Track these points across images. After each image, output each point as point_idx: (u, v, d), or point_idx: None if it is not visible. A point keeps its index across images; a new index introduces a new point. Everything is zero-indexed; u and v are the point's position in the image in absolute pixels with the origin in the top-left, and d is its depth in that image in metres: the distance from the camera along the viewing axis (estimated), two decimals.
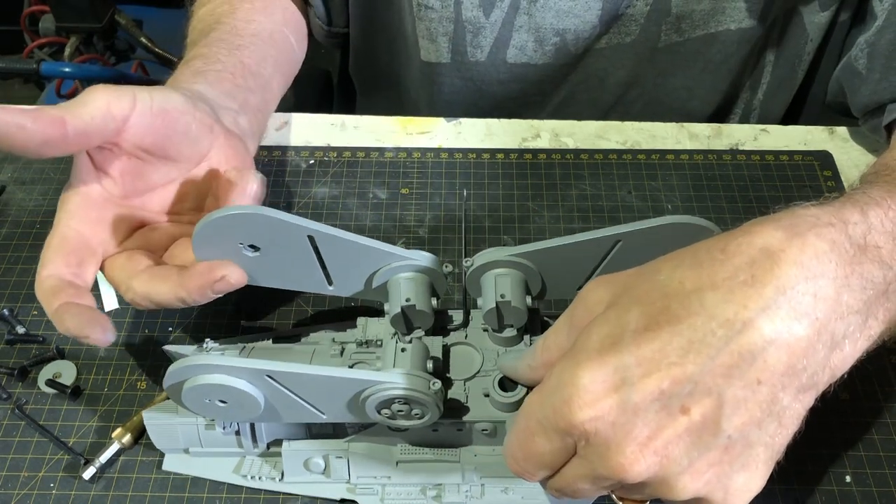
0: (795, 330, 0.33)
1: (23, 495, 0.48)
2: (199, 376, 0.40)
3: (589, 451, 0.34)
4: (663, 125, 0.69)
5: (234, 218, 0.42)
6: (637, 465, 0.33)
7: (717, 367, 0.32)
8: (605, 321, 0.35)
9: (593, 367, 0.33)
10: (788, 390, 0.33)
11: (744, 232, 0.35)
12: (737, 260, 0.34)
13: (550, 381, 0.35)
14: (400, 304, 0.44)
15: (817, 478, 0.48)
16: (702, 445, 0.33)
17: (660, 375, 0.32)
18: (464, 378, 0.45)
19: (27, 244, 0.60)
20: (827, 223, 0.35)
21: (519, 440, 0.36)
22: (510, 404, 0.42)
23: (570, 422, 0.33)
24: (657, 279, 0.35)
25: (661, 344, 0.33)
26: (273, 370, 0.40)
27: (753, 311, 0.32)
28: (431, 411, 0.42)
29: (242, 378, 0.41)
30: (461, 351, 0.46)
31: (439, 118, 0.70)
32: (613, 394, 0.33)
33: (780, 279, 0.33)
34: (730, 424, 0.33)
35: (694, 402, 0.32)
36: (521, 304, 0.44)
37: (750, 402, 0.33)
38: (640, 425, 0.33)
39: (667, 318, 0.33)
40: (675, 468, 0.33)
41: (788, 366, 0.33)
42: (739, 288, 0.33)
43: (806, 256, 0.33)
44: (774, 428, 0.34)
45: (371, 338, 0.46)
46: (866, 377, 0.52)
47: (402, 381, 0.40)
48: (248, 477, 0.47)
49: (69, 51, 1.21)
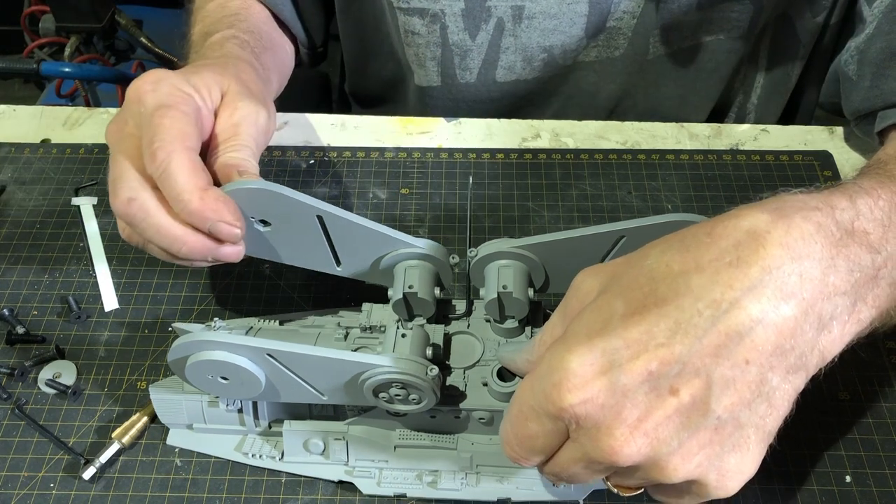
0: (782, 309, 0.33)
1: (23, 495, 0.48)
2: (202, 352, 0.41)
3: (580, 435, 0.34)
4: (663, 125, 0.69)
5: (244, 192, 0.43)
6: (627, 447, 0.33)
7: (705, 348, 0.32)
8: (595, 307, 0.35)
9: (582, 352, 0.33)
10: (777, 370, 0.33)
11: (730, 216, 0.35)
12: (723, 242, 0.34)
13: (541, 367, 0.35)
14: (402, 291, 0.44)
15: (817, 478, 0.48)
16: (692, 426, 0.33)
17: (647, 357, 0.32)
18: (463, 367, 0.45)
19: (27, 244, 0.60)
20: (814, 207, 0.35)
21: (513, 425, 0.36)
22: (508, 394, 0.43)
23: (560, 405, 0.33)
24: (644, 264, 0.35)
25: (649, 326, 0.33)
26: (273, 349, 0.41)
27: (739, 292, 0.32)
28: (428, 397, 0.42)
29: (244, 356, 0.41)
30: (462, 340, 0.46)
31: (439, 118, 0.70)
32: (602, 377, 0.33)
33: (765, 260, 0.33)
34: (719, 405, 0.33)
35: (682, 383, 0.32)
36: (522, 295, 0.44)
37: (739, 382, 0.33)
38: (629, 407, 0.33)
39: (654, 300, 0.33)
40: (666, 449, 0.33)
41: (776, 345, 0.33)
42: (725, 269, 0.33)
43: (791, 238, 0.34)
44: (765, 409, 0.34)
45: (375, 323, 0.47)
46: (866, 377, 0.52)
47: (400, 365, 0.41)
48: (248, 455, 0.48)
49: (69, 51, 1.21)
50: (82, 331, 0.55)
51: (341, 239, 0.46)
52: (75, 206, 0.62)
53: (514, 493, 0.46)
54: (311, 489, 0.48)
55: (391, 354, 0.42)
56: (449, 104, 0.75)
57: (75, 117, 0.70)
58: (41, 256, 0.59)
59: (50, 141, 0.67)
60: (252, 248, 0.46)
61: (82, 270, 0.58)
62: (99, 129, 0.69)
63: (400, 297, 0.45)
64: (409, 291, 0.44)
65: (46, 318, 0.56)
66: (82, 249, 0.59)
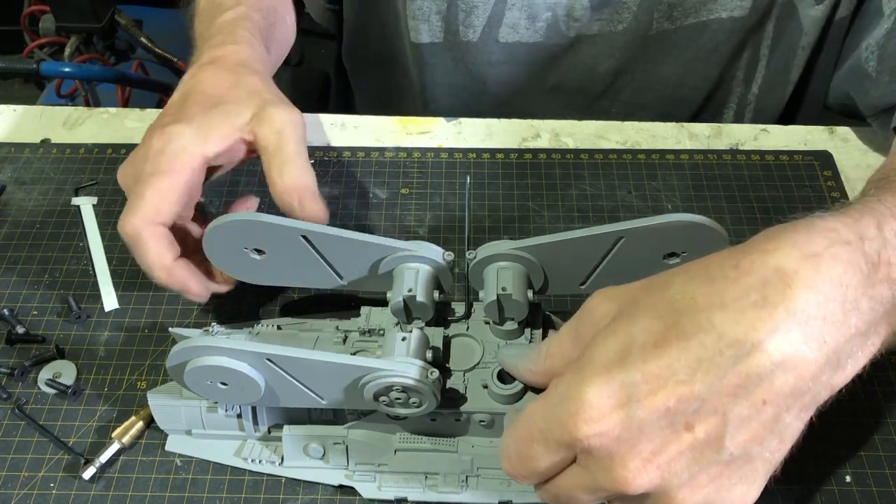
0: (804, 353, 0.33)
1: (23, 495, 0.47)
2: (201, 358, 0.41)
3: (591, 463, 0.34)
4: (663, 125, 0.69)
5: (224, 228, 0.45)
6: (639, 479, 0.33)
7: (725, 387, 0.32)
8: (613, 333, 0.35)
9: (600, 383, 0.33)
10: (792, 410, 0.33)
11: (758, 248, 0.35)
12: (749, 279, 0.33)
13: (556, 392, 0.35)
14: (402, 295, 0.44)
15: (817, 478, 0.48)
16: (704, 461, 0.33)
17: (666, 393, 0.32)
18: (463, 369, 0.45)
19: (27, 244, 0.60)
20: (844, 241, 0.35)
21: (517, 445, 0.36)
22: (508, 396, 0.43)
23: (575, 436, 0.33)
24: (667, 293, 0.35)
25: (670, 361, 0.33)
26: (273, 354, 0.41)
27: (763, 333, 0.32)
28: (429, 400, 0.42)
29: (243, 361, 0.41)
30: (462, 342, 0.46)
31: (439, 118, 0.70)
32: (619, 410, 0.33)
33: (791, 301, 0.33)
34: (733, 442, 0.33)
35: (699, 421, 0.32)
36: (522, 297, 0.44)
37: (754, 422, 0.33)
38: (644, 441, 0.33)
39: (675, 334, 0.33)
40: (677, 482, 0.33)
41: (794, 388, 0.33)
42: (750, 309, 0.33)
43: (820, 280, 0.33)
44: (776, 445, 0.34)
45: (374, 327, 0.47)
46: (866, 377, 0.52)
47: (400, 368, 0.41)
48: (248, 460, 0.48)
49: (69, 51, 1.21)
50: (82, 331, 0.55)
51: (333, 253, 0.46)
52: (75, 206, 0.62)
53: (516, 496, 0.46)
54: (311, 490, 0.48)
55: (391, 358, 0.42)
56: (448, 64, 0.75)
57: (75, 117, 0.70)
58: (41, 256, 0.59)
59: (50, 141, 0.67)
60: (255, 277, 0.48)
61: (82, 270, 0.58)
62: (99, 129, 0.69)
63: (399, 301, 0.44)
64: (409, 295, 0.44)
65: (46, 318, 0.56)
66: (82, 249, 0.59)
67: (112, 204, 0.63)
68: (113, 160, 0.66)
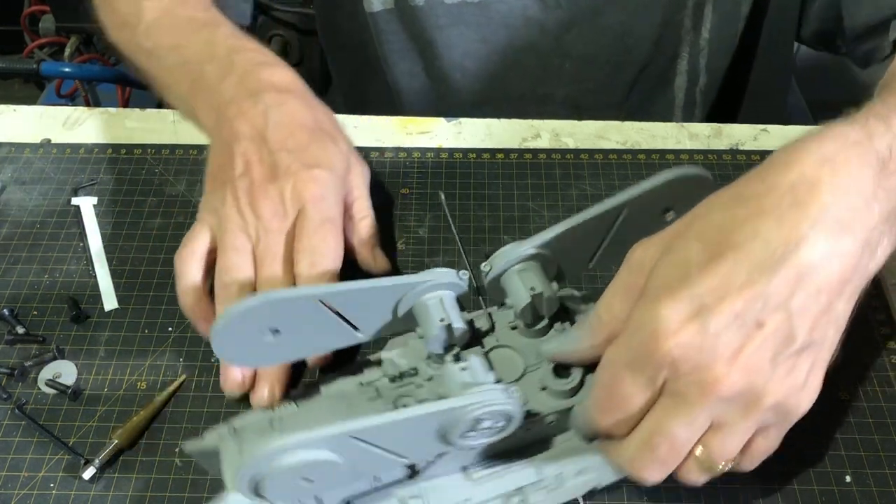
0: (843, 242, 0.36)
1: (23, 495, 0.48)
2: (279, 459, 0.37)
3: (679, 383, 0.36)
4: (663, 125, 0.69)
5: (246, 314, 0.41)
6: (727, 381, 0.36)
7: (782, 283, 0.35)
8: (667, 263, 0.38)
9: (669, 302, 0.36)
10: (843, 297, 0.37)
11: (779, 163, 0.39)
12: (779, 189, 0.37)
13: (630, 326, 0.38)
14: (435, 326, 0.43)
15: (817, 478, 0.48)
16: (779, 355, 0.36)
17: (732, 298, 0.35)
18: (514, 379, 0.44)
19: (27, 244, 0.60)
20: (854, 142, 0.38)
21: (606, 390, 0.39)
22: (569, 391, 0.43)
23: (659, 352, 0.36)
24: (708, 220, 0.38)
25: (728, 270, 0.36)
26: (357, 429, 0.38)
27: (804, 229, 0.36)
28: (516, 418, 0.41)
29: (324, 447, 0.38)
30: (500, 355, 0.46)
31: (439, 118, 0.70)
32: (694, 320, 0.36)
33: (820, 199, 0.36)
34: (800, 332, 0.36)
35: (767, 317, 0.36)
36: (551, 292, 0.44)
37: (814, 310, 0.36)
38: (723, 345, 0.36)
39: (727, 247, 0.36)
40: (761, 378, 0.36)
41: (841, 274, 0.36)
42: (787, 211, 0.36)
43: (839, 178, 0.37)
44: (833, 333, 0.38)
45: (404, 369, 0.45)
46: (866, 377, 0.52)
47: (488, 397, 0.39)
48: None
49: (69, 51, 1.21)
50: (82, 331, 0.55)
51: (351, 309, 0.43)
52: (75, 206, 0.62)
53: (599, 480, 0.45)
54: None
55: (469, 392, 0.40)
56: (401, 31, 0.74)
57: (75, 117, 0.70)
58: (41, 256, 0.59)
59: (50, 141, 0.67)
60: (269, 359, 0.46)
61: (82, 270, 0.58)
62: (99, 129, 0.69)
63: (437, 333, 0.43)
64: (443, 325, 0.43)
65: (46, 318, 0.56)
66: (82, 249, 0.59)
67: (112, 204, 0.63)
68: (113, 160, 0.66)
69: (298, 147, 0.52)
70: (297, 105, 0.54)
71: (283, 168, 0.51)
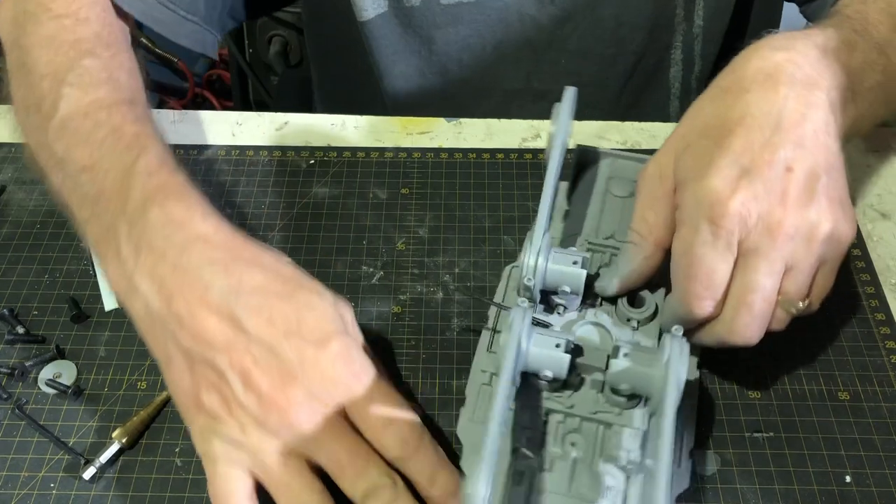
0: (816, 95, 0.44)
1: (23, 495, 0.48)
2: None
3: (750, 237, 0.42)
4: (663, 125, 0.69)
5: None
6: (788, 220, 0.41)
7: (788, 135, 0.42)
8: (690, 155, 0.44)
9: (714, 174, 0.42)
10: (830, 135, 0.44)
11: (741, 60, 0.46)
12: (749, 77, 0.45)
13: (688, 210, 0.43)
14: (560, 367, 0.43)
15: (817, 478, 0.48)
16: (815, 190, 0.42)
17: (760, 154, 0.42)
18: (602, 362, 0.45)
19: (27, 244, 0.60)
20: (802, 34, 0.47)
21: (690, 274, 0.42)
22: (646, 318, 0.47)
23: (727, 215, 0.41)
24: (703, 114, 0.45)
25: (743, 139, 0.42)
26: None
27: (784, 91, 0.43)
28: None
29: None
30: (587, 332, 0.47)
31: (439, 118, 0.70)
32: (743, 178, 0.41)
33: (782, 73, 0.44)
34: (818, 166, 0.42)
35: (793, 162, 0.42)
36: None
37: (821, 148, 0.43)
38: (773, 193, 0.41)
39: (733, 124, 0.43)
40: (812, 211, 0.42)
41: (825, 120, 0.44)
42: (763, 84, 0.44)
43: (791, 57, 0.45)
44: (837, 162, 0.44)
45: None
46: (866, 377, 0.52)
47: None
48: None
49: None
50: (82, 331, 0.55)
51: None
52: None
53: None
54: None
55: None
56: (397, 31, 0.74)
57: None
58: (41, 256, 0.59)
59: None
60: None
61: (82, 270, 0.58)
62: None
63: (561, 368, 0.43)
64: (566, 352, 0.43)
65: (46, 318, 0.56)
66: (82, 249, 0.60)
67: None
68: None
69: (288, 323, 0.40)
70: (245, 267, 0.42)
71: (293, 360, 0.39)
